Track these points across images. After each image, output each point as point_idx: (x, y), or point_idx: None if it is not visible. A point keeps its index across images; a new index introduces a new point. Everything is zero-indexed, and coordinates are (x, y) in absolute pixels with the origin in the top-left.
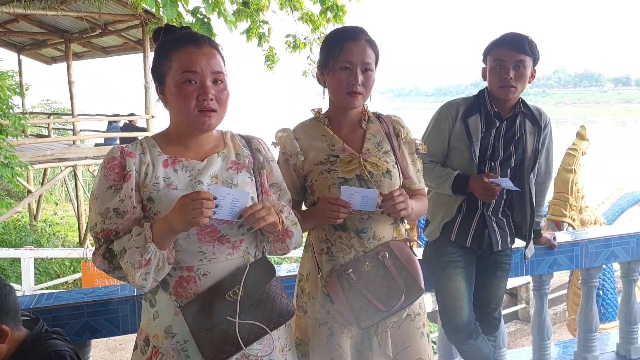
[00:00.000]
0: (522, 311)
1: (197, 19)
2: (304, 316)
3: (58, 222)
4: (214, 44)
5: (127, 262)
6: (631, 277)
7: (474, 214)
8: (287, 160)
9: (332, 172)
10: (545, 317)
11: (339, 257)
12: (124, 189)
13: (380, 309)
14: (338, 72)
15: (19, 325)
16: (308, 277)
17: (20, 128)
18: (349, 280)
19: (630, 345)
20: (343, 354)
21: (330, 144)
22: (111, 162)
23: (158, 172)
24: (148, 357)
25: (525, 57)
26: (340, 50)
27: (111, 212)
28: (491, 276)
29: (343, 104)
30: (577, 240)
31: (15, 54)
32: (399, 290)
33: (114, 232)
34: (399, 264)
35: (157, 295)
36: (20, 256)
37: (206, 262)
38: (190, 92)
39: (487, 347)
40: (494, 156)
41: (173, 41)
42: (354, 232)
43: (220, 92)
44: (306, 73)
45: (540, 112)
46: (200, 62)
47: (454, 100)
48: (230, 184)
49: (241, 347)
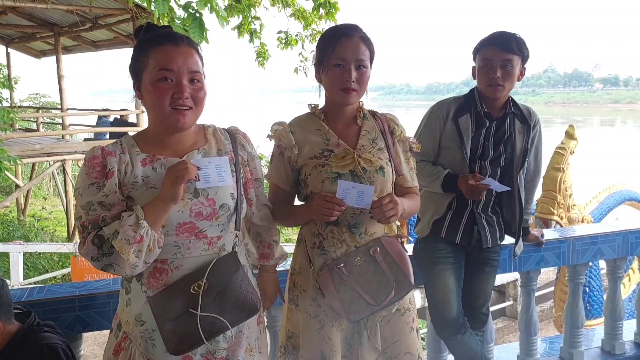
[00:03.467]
0: (510, 308)
1: (188, 14)
2: (295, 309)
3: (46, 217)
4: (192, 43)
5: (121, 240)
6: (617, 274)
7: (464, 211)
8: (282, 152)
9: (326, 167)
10: (533, 313)
11: (331, 252)
12: (107, 186)
13: (370, 303)
14: (332, 69)
15: (11, 318)
16: (300, 270)
17: (8, 122)
18: (340, 274)
19: (615, 341)
20: (333, 347)
21: (325, 138)
22: (92, 161)
23: (137, 171)
24: (118, 342)
25: (513, 56)
26: (334, 48)
27: (95, 205)
28: (480, 272)
29: (338, 101)
30: (565, 238)
31: (4, 47)
32: (389, 285)
33: (102, 219)
34: (389, 260)
35: (132, 284)
36: (8, 251)
37: (179, 256)
38: (165, 89)
39: (475, 342)
40: (484, 155)
41: (151, 39)
42: (346, 227)
43: (196, 91)
44: (298, 70)
45: (530, 112)
46: (177, 60)
47: (445, 100)
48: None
49: (202, 340)
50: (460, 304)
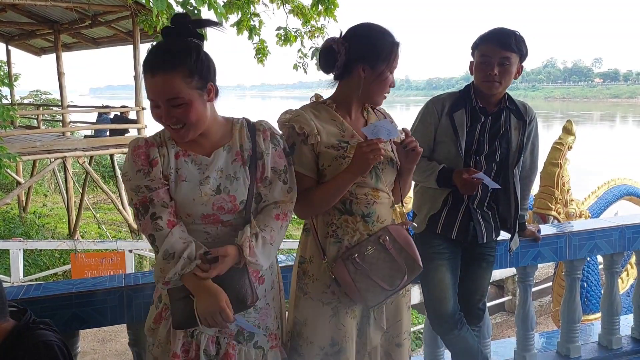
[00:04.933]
0: (509, 303)
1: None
2: (304, 297)
3: (47, 213)
4: (172, 65)
5: (161, 264)
6: (614, 269)
7: (460, 207)
8: (304, 140)
9: (346, 159)
10: (529, 308)
11: (345, 240)
12: (153, 172)
13: (385, 288)
14: (388, 76)
15: (6, 316)
16: (311, 260)
17: (8, 119)
18: (354, 264)
19: (612, 335)
20: (347, 333)
21: (341, 129)
22: (137, 150)
23: (171, 163)
24: (159, 312)
25: (511, 54)
26: (395, 57)
27: (143, 188)
28: (476, 268)
29: (374, 103)
30: (561, 233)
31: (4, 44)
32: (400, 270)
33: (149, 200)
34: (397, 246)
35: None
36: (8, 248)
37: (211, 241)
38: (157, 114)
39: (471, 337)
40: (479, 150)
41: (143, 63)
42: (360, 216)
43: (182, 113)
44: (297, 66)
45: (526, 107)
46: (155, 91)
47: (440, 95)
48: (233, 178)
49: (198, 323)
50: (456, 300)
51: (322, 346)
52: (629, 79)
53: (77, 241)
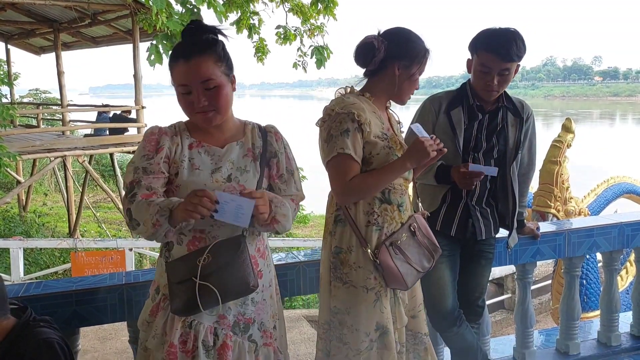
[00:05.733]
0: (508, 301)
1: (186, 9)
2: (342, 286)
3: (47, 212)
4: (206, 49)
5: (150, 215)
6: (613, 266)
7: (458, 204)
8: (358, 128)
9: (392, 149)
10: (529, 305)
11: (384, 227)
12: (155, 158)
13: (419, 270)
14: (417, 78)
15: (7, 313)
16: (350, 249)
17: (8, 118)
18: (394, 250)
19: (611, 332)
20: (388, 315)
21: (381, 121)
22: (150, 137)
23: (184, 152)
24: (156, 304)
25: (512, 64)
26: (424, 62)
27: (140, 169)
28: (475, 265)
29: (401, 102)
30: (560, 231)
31: (3, 43)
32: (426, 254)
33: (138, 180)
34: (421, 233)
35: (173, 251)
36: (9, 246)
37: (216, 227)
38: (187, 101)
39: (470, 335)
40: (477, 148)
41: (173, 54)
42: (396, 205)
43: (213, 95)
44: (297, 65)
45: (523, 104)
46: (188, 76)
47: (437, 94)
48: (244, 170)
49: (198, 305)
50: (455, 297)
51: (367, 332)
52: (628, 77)
53: (77, 240)
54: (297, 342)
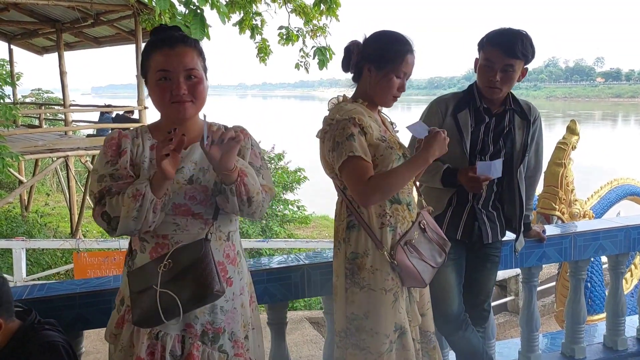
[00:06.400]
0: (511, 303)
1: (190, 10)
2: (360, 291)
3: (50, 212)
4: (189, 42)
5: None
6: (619, 269)
7: (464, 207)
8: (361, 132)
9: (393, 150)
10: (534, 309)
11: (398, 227)
12: (120, 162)
13: (433, 266)
14: (393, 78)
15: (12, 316)
16: (366, 253)
17: (10, 118)
18: (409, 249)
19: (617, 337)
20: (404, 314)
21: (378, 125)
22: (110, 142)
23: (145, 152)
24: (121, 316)
25: (515, 61)
26: (402, 62)
27: (107, 177)
28: (481, 268)
29: (383, 104)
30: (566, 234)
31: (6, 43)
32: (437, 249)
33: (108, 188)
34: (430, 229)
35: (136, 259)
36: (11, 247)
37: (179, 232)
38: (164, 87)
39: (476, 339)
40: (484, 150)
41: (153, 43)
42: (406, 205)
43: (193, 86)
44: (299, 65)
45: (530, 107)
46: (172, 61)
47: (444, 95)
48: (207, 170)
49: (160, 315)
50: (461, 300)
51: (387, 334)
52: (631, 78)
53: (79, 240)
54: (299, 344)
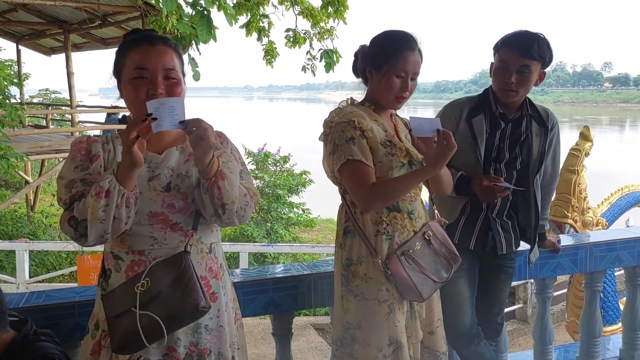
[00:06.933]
0: (520, 311)
1: (197, 12)
2: (354, 299)
3: (55, 213)
4: (169, 43)
5: (91, 196)
6: (636, 282)
7: (478, 216)
8: (361, 135)
9: (395, 156)
10: (548, 320)
11: (395, 237)
12: (92, 167)
13: (435, 281)
14: (392, 78)
15: (6, 326)
16: (360, 260)
17: (16, 119)
18: (407, 260)
19: (634, 351)
20: (401, 328)
21: (384, 128)
22: (78, 146)
23: (117, 158)
24: (97, 341)
25: (531, 62)
26: (399, 59)
27: (77, 182)
28: (494, 280)
29: (388, 106)
30: (582, 244)
31: (14, 43)
32: (443, 263)
33: (80, 194)
34: (438, 241)
35: (110, 280)
36: (14, 249)
37: (157, 247)
38: (140, 85)
39: (489, 353)
40: (499, 158)
41: (130, 41)
42: (406, 213)
43: (171, 87)
44: (306, 68)
45: (548, 113)
46: (151, 58)
47: (459, 99)
48: (186, 176)
49: (142, 339)
50: (474, 313)
51: (380, 347)
52: (639, 83)
53: None
54: (304, 351)
